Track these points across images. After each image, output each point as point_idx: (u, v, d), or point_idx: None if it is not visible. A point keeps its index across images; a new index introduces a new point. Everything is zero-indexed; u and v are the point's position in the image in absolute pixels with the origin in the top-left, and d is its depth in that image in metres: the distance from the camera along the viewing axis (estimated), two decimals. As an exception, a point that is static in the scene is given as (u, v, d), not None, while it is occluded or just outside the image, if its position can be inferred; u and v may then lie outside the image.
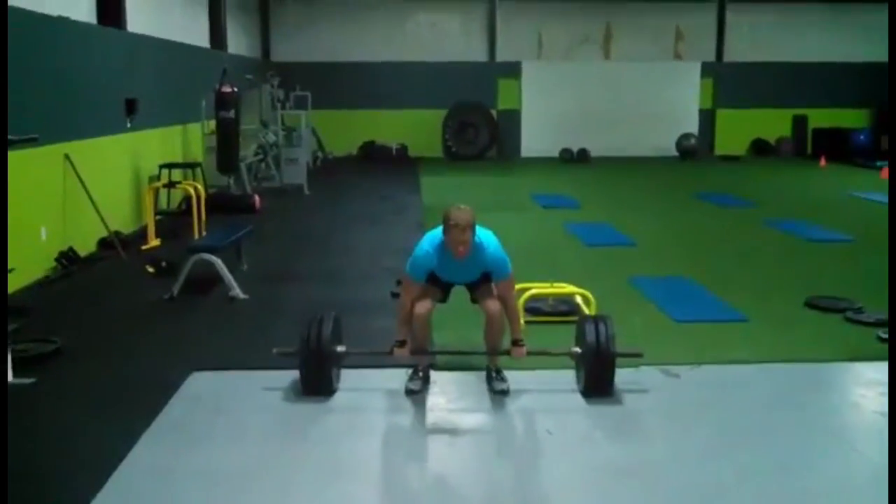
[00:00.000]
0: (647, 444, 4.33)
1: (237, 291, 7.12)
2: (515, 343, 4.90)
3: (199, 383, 5.12)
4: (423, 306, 4.87)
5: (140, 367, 5.40)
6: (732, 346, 5.83)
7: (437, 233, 4.78)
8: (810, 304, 6.79)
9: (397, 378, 5.04)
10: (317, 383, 4.83)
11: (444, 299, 5.09)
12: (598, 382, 4.83)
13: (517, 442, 4.46)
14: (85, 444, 4.25)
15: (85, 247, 8.74)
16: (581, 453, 4.22)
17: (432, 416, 4.68)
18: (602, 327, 4.81)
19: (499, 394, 4.88)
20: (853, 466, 4.11)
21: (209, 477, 3.91)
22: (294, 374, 5.00)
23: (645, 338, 5.92)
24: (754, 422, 4.58)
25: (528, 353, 4.92)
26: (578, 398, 4.87)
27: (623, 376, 4.98)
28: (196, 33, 13.96)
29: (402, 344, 4.86)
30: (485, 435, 4.48)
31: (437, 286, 4.98)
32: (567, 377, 5.12)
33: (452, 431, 4.51)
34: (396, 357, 4.90)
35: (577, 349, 4.93)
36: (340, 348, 4.95)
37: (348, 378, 5.09)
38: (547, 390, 5.00)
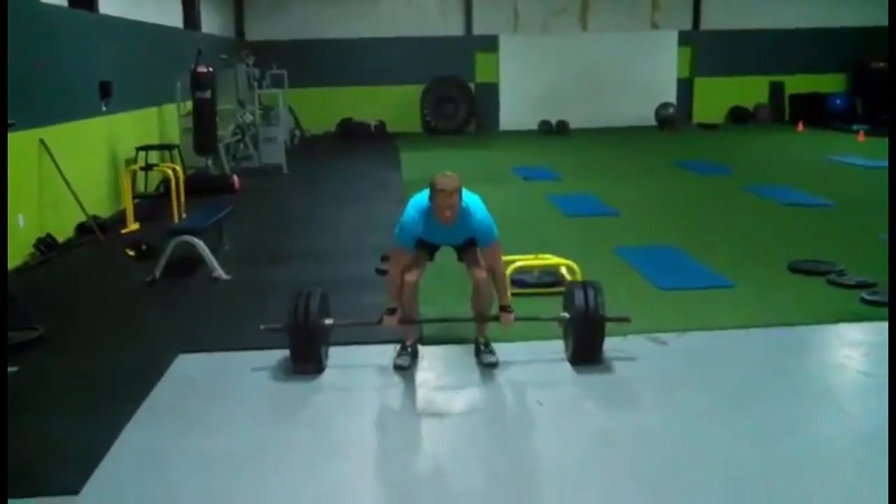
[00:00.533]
0: (638, 411, 4.34)
1: (220, 272, 7.07)
2: (503, 309, 4.88)
3: (186, 366, 5.08)
4: (411, 275, 4.86)
5: (125, 352, 5.34)
6: (718, 312, 5.86)
7: (422, 197, 4.74)
8: (793, 269, 6.83)
9: (386, 354, 5.03)
10: (306, 358, 4.80)
11: (431, 258, 5.05)
12: (586, 348, 4.84)
13: (508, 415, 4.45)
14: (72, 431, 4.20)
15: (63, 232, 8.64)
16: (572, 423, 4.22)
17: (422, 392, 4.67)
18: (590, 292, 4.81)
19: (488, 366, 4.88)
20: (842, 427, 4.13)
21: (199, 460, 3.88)
22: (282, 354, 4.97)
23: (631, 306, 5.92)
24: (743, 387, 4.60)
25: (516, 320, 4.90)
26: (567, 368, 4.88)
27: (611, 344, 4.99)
28: (169, 14, 13.75)
29: (391, 312, 4.83)
30: (475, 409, 4.48)
31: (424, 249, 4.94)
32: (555, 347, 5.12)
33: (443, 407, 4.50)
34: (386, 325, 4.86)
35: (566, 314, 4.92)
36: (328, 321, 4.92)
37: (336, 355, 5.07)
38: (535, 361, 5.01)
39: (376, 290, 6.47)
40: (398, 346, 5.02)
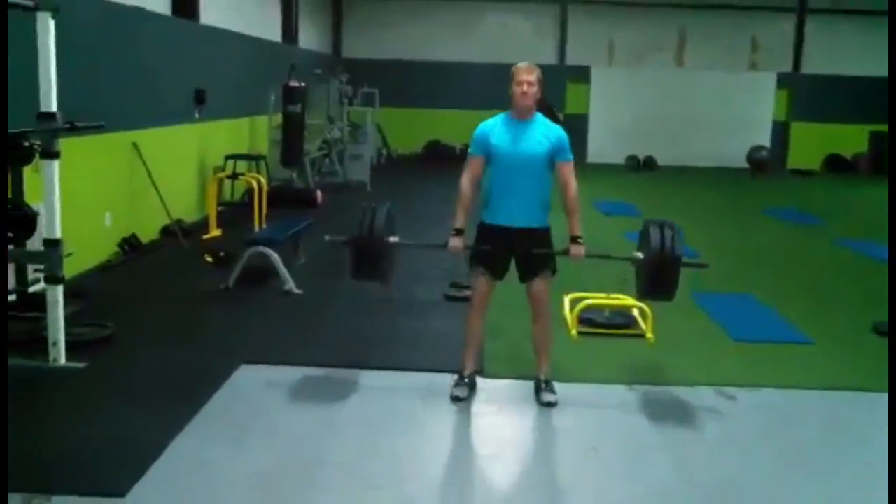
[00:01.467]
0: (696, 470, 4.16)
1: (292, 286, 7.13)
2: (574, 240, 4.72)
3: (247, 376, 5.12)
4: (482, 289, 4.81)
5: (190, 357, 5.43)
6: (794, 369, 5.61)
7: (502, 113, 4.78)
8: (879, 331, 6.51)
9: (443, 383, 4.96)
10: (369, 271, 4.79)
11: (501, 275, 4.89)
12: (659, 285, 4.64)
13: (560, 457, 4.34)
14: (129, 431, 4.27)
15: (147, 234, 8.88)
16: (626, 474, 4.08)
17: (476, 425, 4.60)
18: (668, 232, 4.63)
19: (546, 405, 4.76)
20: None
21: (245, 476, 3.88)
22: (343, 373, 4.96)
23: (703, 356, 5.76)
24: (813, 454, 4.37)
25: (587, 256, 4.75)
26: (628, 415, 4.73)
27: (675, 394, 4.83)
28: (268, 27, 14.10)
29: (458, 232, 4.76)
30: (528, 448, 4.38)
31: (493, 261, 4.80)
32: (618, 391, 4.99)
33: (494, 443, 4.41)
34: (452, 249, 4.78)
35: (639, 254, 4.75)
36: (393, 238, 4.88)
37: (392, 379, 5.04)
38: (596, 404, 4.88)
39: (445, 315, 6.46)
40: (456, 377, 4.95)
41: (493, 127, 4.72)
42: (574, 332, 6.07)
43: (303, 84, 11.74)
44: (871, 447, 4.49)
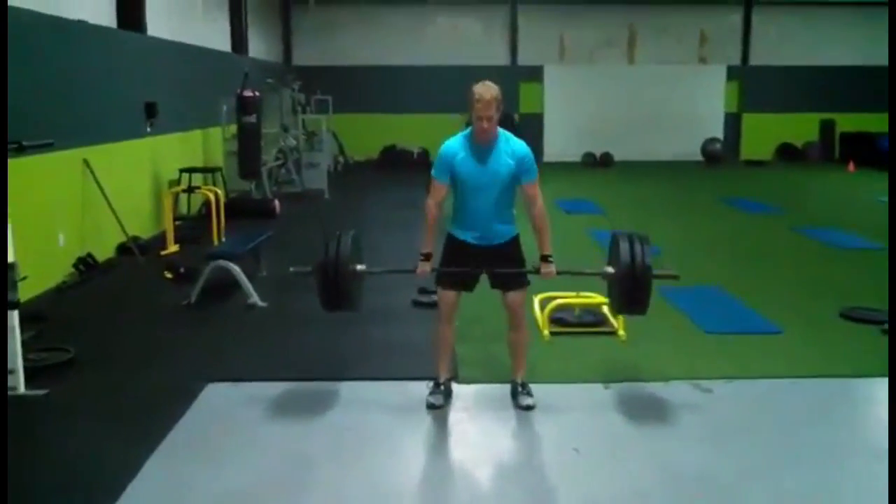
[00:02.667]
0: (678, 464, 4.12)
1: (255, 299, 7.00)
2: (544, 259, 4.65)
3: (215, 395, 4.98)
4: (448, 298, 4.71)
5: (155, 378, 5.27)
6: (766, 359, 5.62)
7: (464, 132, 4.63)
8: (845, 316, 6.56)
9: (418, 391, 4.87)
10: (336, 299, 4.65)
11: (471, 288, 4.82)
12: (632, 300, 4.58)
13: (542, 460, 4.27)
14: (96, 458, 4.12)
15: (103, 252, 8.66)
16: (609, 474, 4.02)
17: (454, 434, 4.51)
18: (637, 244, 4.57)
19: (524, 409, 4.70)
20: (898, 490, 3.89)
21: (222, 497, 3.76)
22: (313, 386, 4.86)
23: (675, 350, 5.75)
24: (791, 442, 4.36)
25: (559, 273, 4.67)
26: (606, 414, 4.69)
27: (652, 390, 4.80)
28: (217, 37, 13.90)
29: (426, 257, 4.68)
30: (508, 453, 4.31)
31: (462, 279, 4.73)
32: (595, 391, 4.94)
33: (475, 450, 4.34)
34: (419, 274, 4.70)
35: (610, 269, 4.70)
36: (360, 266, 4.77)
37: (366, 391, 4.93)
38: (574, 405, 4.82)
39: (413, 322, 6.37)
40: (431, 384, 4.87)
41: (457, 152, 4.56)
42: (546, 332, 6.03)
43: (257, 93, 11.57)
44: (846, 432, 4.51)
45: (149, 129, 10.20)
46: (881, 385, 5.14)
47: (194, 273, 7.36)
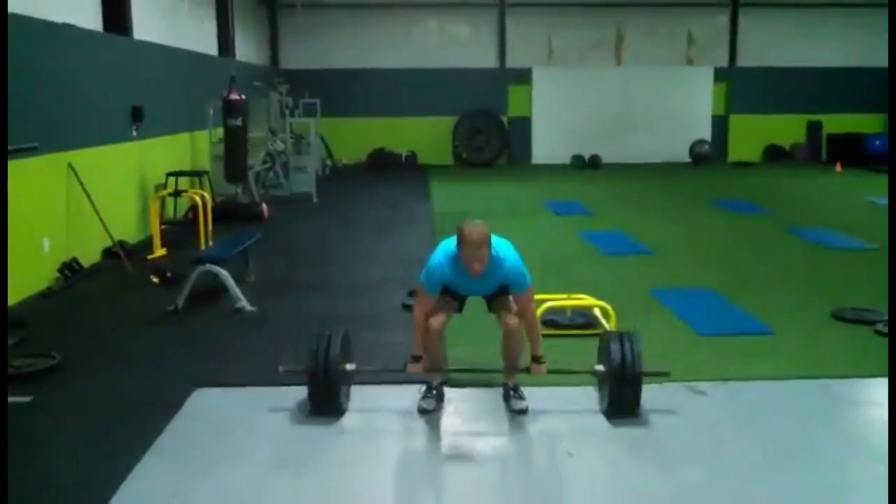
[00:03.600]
0: (674, 467, 4.07)
1: (244, 303, 6.91)
2: (535, 360, 4.66)
3: (203, 401, 4.90)
4: (436, 320, 4.64)
5: (142, 384, 5.18)
6: (759, 360, 5.58)
7: (451, 243, 4.54)
8: (837, 317, 6.53)
9: (410, 396, 4.81)
10: (326, 404, 4.60)
11: (459, 309, 4.86)
12: (623, 403, 4.57)
13: (536, 466, 4.21)
14: (81, 469, 4.04)
15: (89, 257, 8.55)
16: (604, 477, 3.97)
17: (447, 439, 4.45)
18: (628, 345, 4.56)
19: (517, 413, 4.64)
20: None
21: (213, 503, 3.69)
22: (302, 391, 4.77)
23: (669, 352, 5.70)
24: (787, 444, 4.32)
25: (549, 372, 4.68)
26: (600, 417, 4.63)
27: (647, 393, 4.73)
28: (204, 40, 13.80)
29: (416, 359, 4.64)
30: (502, 458, 4.24)
31: (453, 297, 4.74)
32: (588, 394, 4.89)
33: (468, 455, 4.27)
34: (410, 373, 4.67)
35: (601, 367, 4.69)
36: (350, 366, 4.73)
37: (358, 397, 4.86)
38: (567, 409, 4.76)
39: (402, 326, 6.29)
40: (423, 388, 4.80)
41: (448, 273, 4.52)
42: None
43: (243, 97, 11.48)
44: (844, 435, 4.48)
45: (135, 133, 10.10)
46: (877, 386, 5.11)
47: (181, 278, 7.27)
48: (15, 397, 4.80)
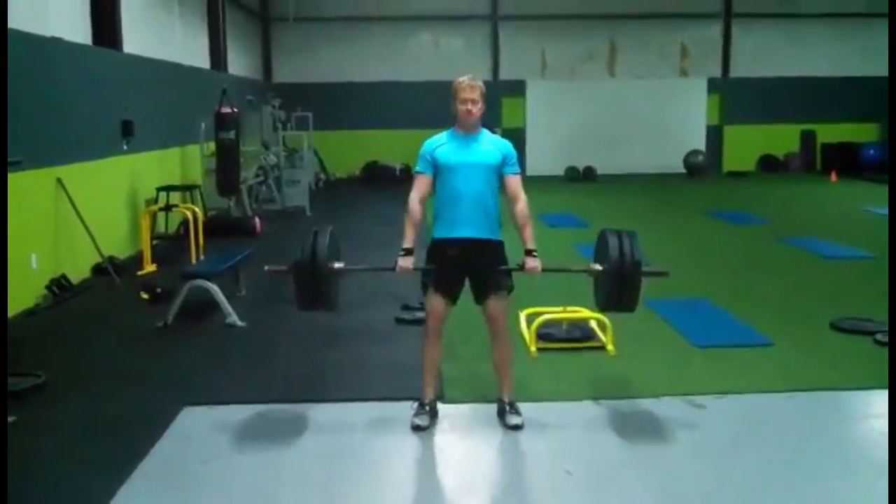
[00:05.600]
0: (676, 483, 3.98)
1: (234, 319, 6.81)
2: (528, 253, 4.50)
3: (192, 420, 4.79)
4: (437, 309, 4.56)
5: (129, 403, 5.07)
6: (758, 372, 5.49)
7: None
8: (836, 327, 6.45)
9: (403, 413, 4.70)
10: (314, 298, 4.48)
11: (455, 295, 4.65)
12: (622, 296, 4.44)
13: (533, 483, 4.10)
14: (65, 489, 3.93)
15: (78, 273, 8.44)
16: (604, 496, 3.87)
17: (442, 457, 4.35)
18: (626, 240, 4.44)
19: (512, 429, 4.54)
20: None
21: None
22: (295, 408, 4.68)
23: (666, 364, 5.62)
24: (790, 457, 4.23)
25: (544, 270, 4.54)
26: (599, 434, 4.53)
27: (644, 406, 4.66)
28: (195, 54, 13.73)
29: (407, 252, 4.54)
30: (498, 476, 4.15)
31: (447, 282, 4.57)
32: (586, 409, 4.79)
33: (463, 473, 4.17)
34: (401, 271, 4.55)
35: (598, 266, 4.55)
36: (338, 264, 4.59)
37: (348, 412, 4.76)
38: (565, 424, 4.66)
39: (396, 340, 6.21)
40: (416, 404, 4.70)
41: (440, 142, 4.60)
42: (533, 348, 5.88)
43: (235, 109, 11.41)
44: (846, 447, 4.39)
45: (125, 147, 10.01)
46: (878, 397, 5.02)
47: (171, 293, 7.17)
48: (-2, 417, 4.69)
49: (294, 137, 15.98)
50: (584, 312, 6.14)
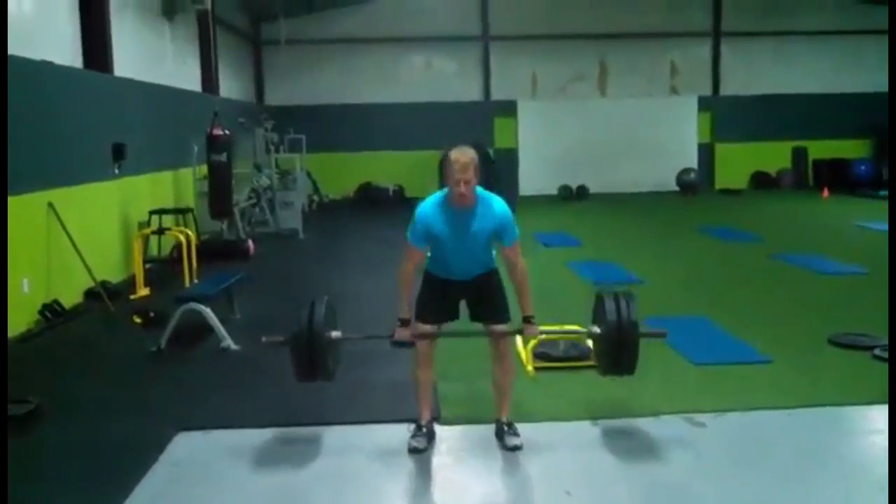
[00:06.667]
0: (678, 503, 3.93)
1: (229, 342, 6.75)
2: (527, 320, 4.49)
3: (185, 445, 4.73)
4: (427, 345, 4.52)
5: (122, 429, 5.00)
6: (757, 390, 5.45)
7: (437, 193, 4.47)
8: (834, 342, 6.42)
9: (399, 435, 4.65)
10: (311, 369, 4.44)
11: (453, 315, 4.62)
12: (620, 360, 4.44)
13: (533, 505, 4.06)
14: (57, 519, 3.86)
15: (71, 298, 8.37)
16: (604, 516, 3.83)
17: (440, 479, 4.29)
18: (623, 302, 4.43)
19: (511, 450, 4.49)
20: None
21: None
22: (290, 433, 4.62)
23: (664, 383, 5.57)
24: (793, 476, 4.19)
25: (541, 333, 4.56)
26: (597, 453, 4.48)
27: (643, 426, 4.61)
28: (187, 78, 13.73)
29: (404, 323, 4.48)
30: (498, 498, 4.08)
31: (441, 305, 4.56)
32: (585, 429, 4.74)
33: (461, 494, 4.11)
34: (398, 338, 4.51)
35: (596, 328, 4.54)
36: (335, 333, 4.55)
37: (346, 436, 4.70)
38: (564, 444, 4.61)
39: (392, 362, 6.15)
40: (412, 426, 4.64)
41: (434, 217, 4.41)
42: (530, 368, 5.84)
43: (227, 132, 11.39)
44: (848, 464, 4.35)
45: (116, 171, 9.97)
46: (878, 412, 4.97)
47: (164, 317, 7.11)
48: (-11, 445, 4.62)
49: (287, 159, 15.97)
50: (581, 331, 6.09)
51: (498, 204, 4.42)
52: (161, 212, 10.81)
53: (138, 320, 7.66)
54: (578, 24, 20.54)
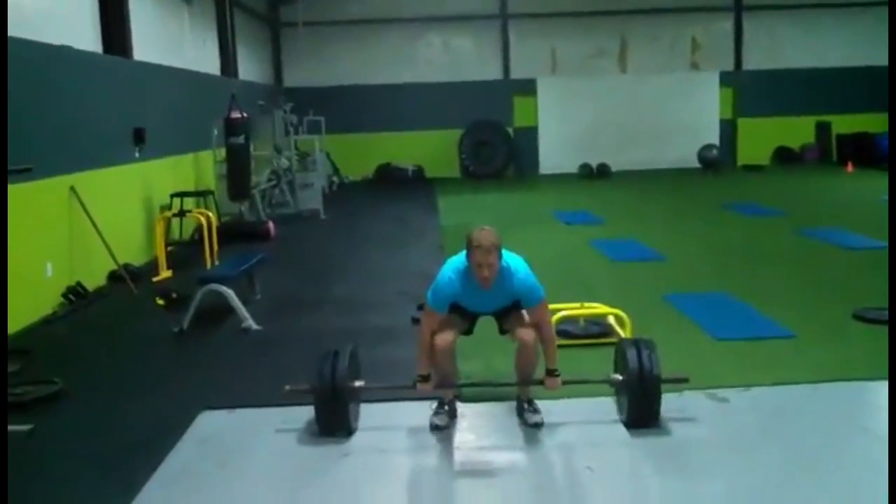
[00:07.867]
0: (701, 479, 3.91)
1: (250, 322, 6.79)
2: (550, 373, 4.49)
3: (209, 424, 4.76)
4: (444, 339, 4.47)
5: (146, 408, 5.04)
6: (781, 364, 5.41)
7: (460, 258, 4.41)
8: (859, 317, 6.35)
9: (421, 413, 4.65)
10: (333, 423, 4.45)
11: (469, 330, 4.70)
12: (643, 412, 4.40)
13: (555, 482, 4.04)
14: (81, 497, 3.90)
15: (94, 281, 8.44)
16: (626, 492, 3.82)
17: (461, 455, 4.29)
18: (645, 351, 4.41)
19: (532, 427, 4.48)
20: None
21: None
22: (310, 410, 4.63)
23: (687, 358, 5.53)
24: (817, 449, 4.15)
25: (564, 383, 4.52)
26: (619, 429, 4.47)
27: (667, 402, 4.57)
28: (206, 61, 13.74)
29: (424, 378, 4.48)
30: (519, 475, 4.08)
31: (461, 316, 4.59)
32: (605, 405, 4.72)
33: (483, 472, 4.11)
34: (420, 392, 4.52)
35: (618, 376, 4.53)
36: (358, 383, 4.58)
37: (368, 414, 4.71)
38: (584, 421, 4.60)
39: (412, 341, 6.12)
40: (434, 404, 4.65)
41: (457, 288, 4.38)
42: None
43: (245, 114, 11.39)
44: (873, 439, 4.29)
45: (137, 155, 10.02)
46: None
47: (186, 299, 7.15)
48: (15, 426, 4.66)
49: (306, 141, 15.97)
50: (601, 308, 6.07)
51: (518, 273, 4.38)
52: (182, 195, 10.86)
53: (161, 302, 7.71)
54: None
